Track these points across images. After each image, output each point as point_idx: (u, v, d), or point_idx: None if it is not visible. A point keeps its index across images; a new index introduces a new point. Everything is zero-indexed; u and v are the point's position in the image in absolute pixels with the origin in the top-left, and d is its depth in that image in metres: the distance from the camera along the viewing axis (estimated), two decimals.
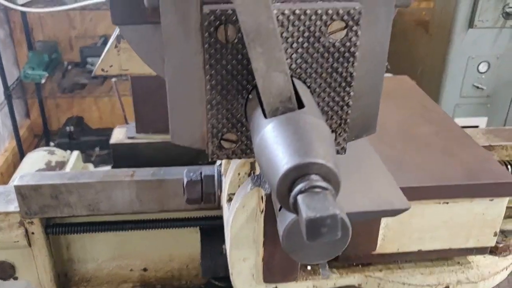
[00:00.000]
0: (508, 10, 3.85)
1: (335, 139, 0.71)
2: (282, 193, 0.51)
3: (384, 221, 1.03)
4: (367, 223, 1.01)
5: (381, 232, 1.03)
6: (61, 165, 2.51)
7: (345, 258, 1.06)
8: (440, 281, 1.07)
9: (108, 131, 4.92)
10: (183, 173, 2.03)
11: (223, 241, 2.13)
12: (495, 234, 1.07)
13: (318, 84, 0.67)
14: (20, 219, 2.01)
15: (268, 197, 0.94)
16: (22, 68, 4.40)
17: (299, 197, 0.49)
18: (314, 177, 0.50)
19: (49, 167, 2.46)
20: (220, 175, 1.25)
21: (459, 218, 1.03)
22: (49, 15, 4.57)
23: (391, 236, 1.04)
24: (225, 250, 2.04)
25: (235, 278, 1.06)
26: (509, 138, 1.44)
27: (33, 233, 2.03)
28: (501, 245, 1.13)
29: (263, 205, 0.95)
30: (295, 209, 0.50)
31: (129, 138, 2.10)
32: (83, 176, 1.96)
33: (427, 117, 1.24)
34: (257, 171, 1.03)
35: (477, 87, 4.08)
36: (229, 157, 0.74)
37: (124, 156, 2.10)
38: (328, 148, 0.54)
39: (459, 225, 1.04)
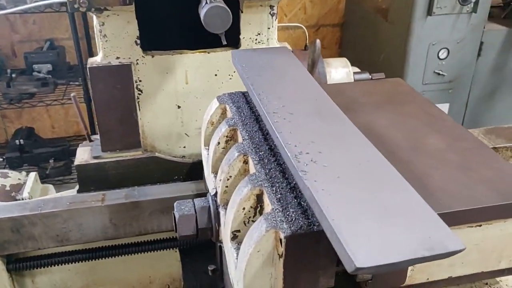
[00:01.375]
0: None
1: None
2: None
3: None
4: None
5: None
6: (17, 188, 2.27)
7: None
8: None
9: (62, 141, 4.65)
10: (158, 192, 1.88)
11: (206, 259, 2.00)
12: None
13: None
14: None
15: (289, 240, 0.81)
16: None
17: None
18: None
19: (3, 192, 2.22)
20: (216, 206, 1.10)
21: (492, 240, 0.94)
22: None
23: (420, 267, 0.94)
24: (210, 272, 1.91)
25: None
26: None
27: None
28: None
29: (282, 249, 0.83)
30: None
31: (95, 157, 1.91)
32: (47, 205, 1.76)
33: (434, 126, 1.14)
34: (268, 208, 0.90)
35: (438, 74, 4.09)
36: None
37: (91, 178, 1.91)
38: None
39: (491, 247, 0.95)
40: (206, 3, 1.36)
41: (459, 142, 1.09)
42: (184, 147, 2.02)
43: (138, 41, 1.77)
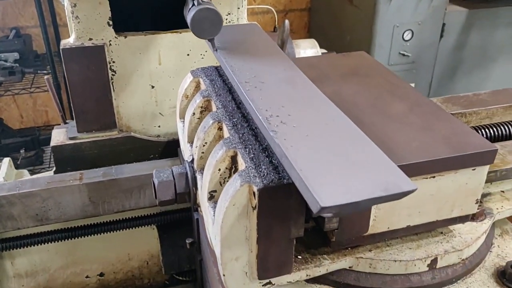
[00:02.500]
0: None
1: None
2: None
3: None
4: None
5: (372, 213, 1.02)
6: None
7: (337, 243, 1.05)
8: (428, 253, 1.09)
9: (31, 131, 4.61)
10: (135, 170, 1.93)
11: (183, 234, 2.07)
12: (477, 202, 1.10)
13: None
14: None
15: (261, 192, 0.89)
16: None
17: None
18: None
19: None
20: (193, 172, 1.17)
21: (445, 190, 1.04)
22: None
23: (382, 216, 1.03)
24: (188, 245, 1.98)
25: (227, 279, 1.00)
26: (466, 106, 1.49)
27: None
28: (477, 210, 1.17)
29: (255, 201, 0.90)
30: None
31: (71, 138, 1.94)
32: (26, 185, 1.79)
33: (396, 94, 1.23)
34: (242, 166, 0.98)
35: (403, 55, 4.23)
36: None
37: (68, 158, 1.95)
38: None
39: (445, 197, 1.05)
40: (193, 5, 1.20)
41: (419, 107, 1.19)
42: (159, 126, 2.07)
43: (111, 22, 1.80)
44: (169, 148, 2.08)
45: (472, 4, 4.33)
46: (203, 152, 1.13)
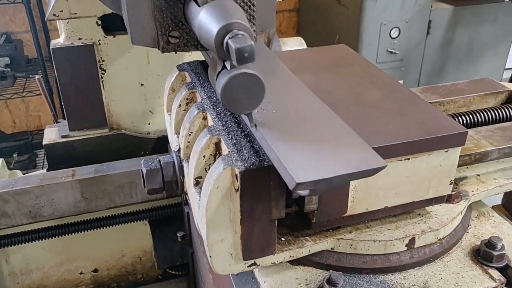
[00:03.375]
0: None
1: None
2: (218, 45, 0.79)
3: (352, 183, 1.07)
4: (337, 188, 1.04)
5: (350, 194, 1.07)
6: None
7: (318, 225, 1.09)
8: (406, 233, 1.13)
9: (24, 135, 4.64)
10: (126, 166, 1.97)
11: (175, 228, 2.11)
12: (451, 183, 1.15)
13: None
14: None
15: (243, 174, 0.94)
16: None
17: (229, 41, 0.77)
18: (236, 30, 0.79)
19: None
20: (180, 161, 1.22)
21: (420, 171, 1.09)
22: None
23: (359, 197, 1.08)
24: (180, 238, 2.02)
25: (213, 261, 1.05)
26: (445, 95, 1.54)
27: None
28: (453, 193, 1.22)
29: (238, 183, 0.95)
30: (228, 52, 0.79)
31: (63, 137, 1.98)
32: (19, 182, 1.84)
33: (374, 83, 1.28)
34: (225, 152, 1.02)
35: (391, 52, 4.29)
36: (175, 50, 1.01)
37: (60, 156, 1.99)
38: (242, 15, 0.84)
39: (420, 178, 1.10)
40: (224, 68, 0.84)
41: (395, 93, 1.24)
42: (149, 123, 2.11)
43: (100, 22, 1.85)
44: (159, 145, 2.13)
45: (457, 1, 4.41)
46: (189, 141, 1.18)
